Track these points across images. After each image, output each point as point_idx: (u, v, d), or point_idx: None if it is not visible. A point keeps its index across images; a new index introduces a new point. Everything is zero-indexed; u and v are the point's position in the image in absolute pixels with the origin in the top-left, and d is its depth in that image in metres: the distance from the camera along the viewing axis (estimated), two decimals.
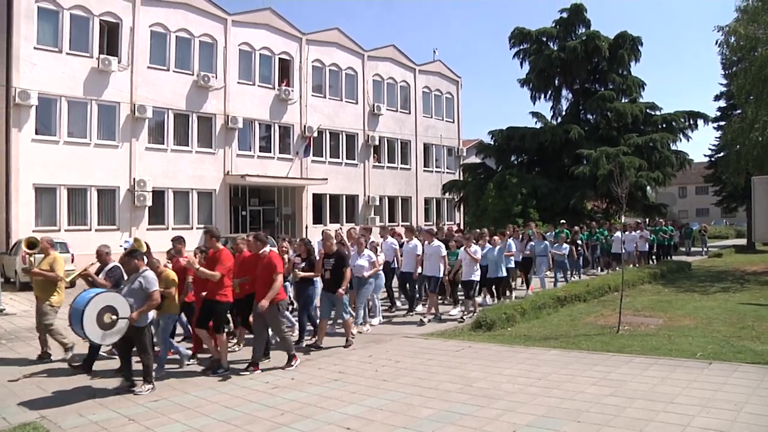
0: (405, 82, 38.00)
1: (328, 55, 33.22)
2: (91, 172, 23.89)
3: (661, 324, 10.95)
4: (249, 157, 29.35)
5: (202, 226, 26.62)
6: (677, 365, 7.79)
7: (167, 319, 8.42)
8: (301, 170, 31.50)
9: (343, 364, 8.54)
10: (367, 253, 11.13)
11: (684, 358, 8.17)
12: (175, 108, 26.59)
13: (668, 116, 32.44)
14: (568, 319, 11.78)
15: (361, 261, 11.03)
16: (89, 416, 6.33)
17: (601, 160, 27.67)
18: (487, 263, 13.33)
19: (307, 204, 31.91)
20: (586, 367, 7.84)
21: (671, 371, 7.49)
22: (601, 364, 8.01)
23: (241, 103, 28.79)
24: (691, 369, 7.57)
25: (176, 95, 26.56)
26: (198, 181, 27.28)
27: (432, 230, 13.44)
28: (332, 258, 9.66)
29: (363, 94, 35.03)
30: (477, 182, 32.32)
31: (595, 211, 32.74)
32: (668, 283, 17.41)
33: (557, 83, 34.44)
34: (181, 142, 26.93)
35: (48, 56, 22.96)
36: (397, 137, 37.26)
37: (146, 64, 25.65)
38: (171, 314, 8.47)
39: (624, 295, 11.28)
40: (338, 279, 9.52)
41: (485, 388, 7.02)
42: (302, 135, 31.42)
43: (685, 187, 70.33)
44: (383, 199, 36.26)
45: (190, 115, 27.16)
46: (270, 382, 7.59)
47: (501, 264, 13.35)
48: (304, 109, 31.72)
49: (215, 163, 27.97)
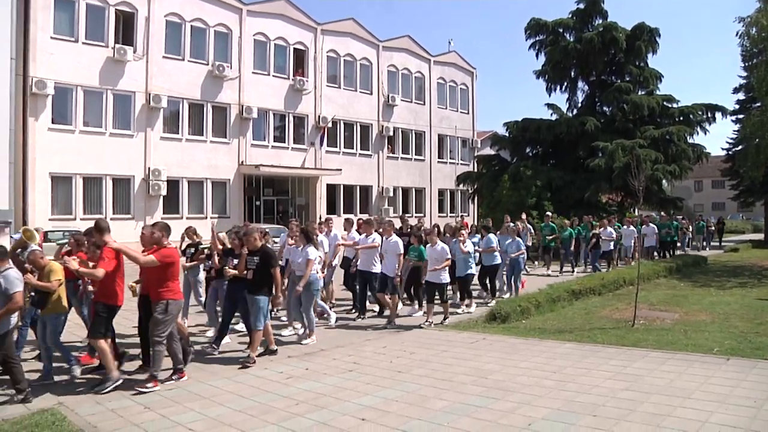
0: (420, 72, 37.85)
1: (343, 46, 33.15)
2: (106, 161, 24.07)
3: (677, 318, 10.88)
4: (263, 147, 29.42)
5: (216, 215, 26.78)
6: (694, 360, 7.73)
7: (54, 320, 7.33)
8: (315, 161, 31.53)
9: (357, 355, 8.54)
10: (308, 249, 9.48)
11: (701, 354, 8.10)
12: (190, 98, 26.69)
13: (685, 109, 32.06)
14: (583, 312, 11.73)
15: (301, 257, 9.57)
16: (106, 404, 6.39)
17: (617, 152, 27.40)
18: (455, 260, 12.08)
19: (321, 194, 31.97)
20: (602, 361, 7.80)
21: (688, 366, 7.44)
22: (616, 358, 7.97)
23: (255, 93, 28.83)
24: (709, 364, 7.50)
25: (191, 85, 26.65)
26: (212, 171, 27.40)
27: (391, 223, 11.74)
28: (256, 256, 8.29)
29: (377, 85, 34.95)
30: (491, 174, 32.14)
31: (610, 204, 32.49)
32: (684, 278, 17.29)
33: (573, 75, 34.10)
34: (196, 132, 27.04)
35: (64, 46, 23.10)
36: (412, 128, 37.17)
37: (161, 54, 25.75)
38: (58, 313, 7.39)
39: (639, 289, 11.22)
40: (262, 280, 8.17)
41: (500, 381, 7.01)
42: (316, 125, 31.44)
43: (701, 181, 69.59)
44: (397, 191, 36.23)
45: (204, 105, 27.25)
46: (284, 372, 7.61)
47: (469, 261, 11.74)
48: (319, 99, 31.71)
49: (229, 153, 28.07)
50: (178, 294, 7.20)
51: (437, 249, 10.68)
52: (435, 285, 10.61)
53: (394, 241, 10.95)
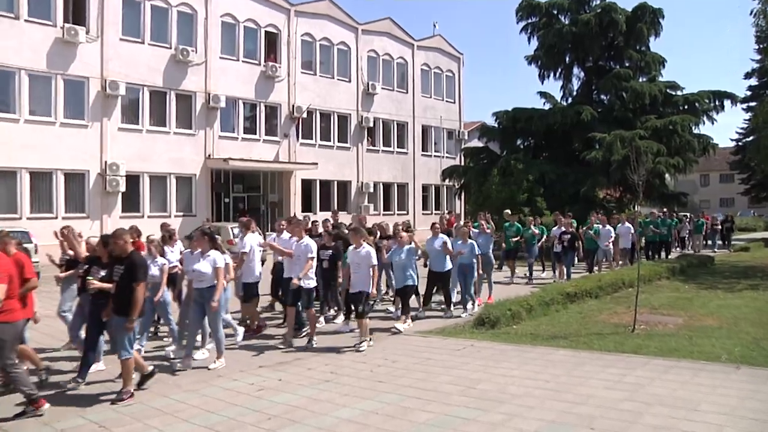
0: (402, 58, 37.87)
1: (319, 29, 33.04)
2: (56, 154, 23.71)
3: (680, 323, 10.95)
4: (232, 139, 29.23)
5: (181, 213, 26.58)
6: (700, 369, 7.77)
7: None
8: (289, 154, 31.41)
9: (335, 363, 8.51)
10: (215, 257, 8.57)
11: (707, 361, 8.13)
12: (151, 84, 26.41)
13: (691, 96, 32.27)
14: (579, 316, 11.77)
15: (201, 265, 8.53)
16: (55, 424, 6.27)
17: (615, 144, 27.58)
18: (394, 269, 11.65)
19: (296, 191, 31.86)
20: (599, 369, 7.84)
21: (693, 375, 7.48)
22: (615, 365, 8.01)
23: (223, 81, 28.62)
24: (716, 373, 7.54)
25: (152, 71, 26.36)
26: (176, 165, 27.15)
27: (302, 222, 11.06)
28: (122, 264, 7.15)
29: (356, 72, 34.89)
30: (479, 168, 32.24)
31: (607, 200, 32.73)
32: (688, 279, 17.35)
33: (568, 60, 34.28)
34: (158, 123, 26.77)
35: (4, 24, 22.62)
36: (393, 118, 37.18)
37: (118, 36, 25.39)
38: None
39: (639, 292, 11.28)
40: (126, 298, 6.95)
41: (489, 391, 7.01)
42: (290, 115, 31.30)
43: (707, 175, 70.04)
44: (378, 186, 36.22)
45: (167, 93, 26.99)
46: (256, 384, 7.55)
47: (410, 269, 11.11)
48: (293, 87, 31.57)
49: (195, 146, 27.85)
50: (13, 314, 6.54)
51: (360, 253, 9.77)
52: (355, 295, 9.80)
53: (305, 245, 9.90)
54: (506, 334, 10.29)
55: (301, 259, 9.82)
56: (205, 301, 8.40)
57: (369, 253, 9.78)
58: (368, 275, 9.74)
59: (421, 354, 8.95)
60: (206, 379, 7.83)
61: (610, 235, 18.42)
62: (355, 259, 9.86)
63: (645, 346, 9.10)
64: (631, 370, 7.76)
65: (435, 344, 9.66)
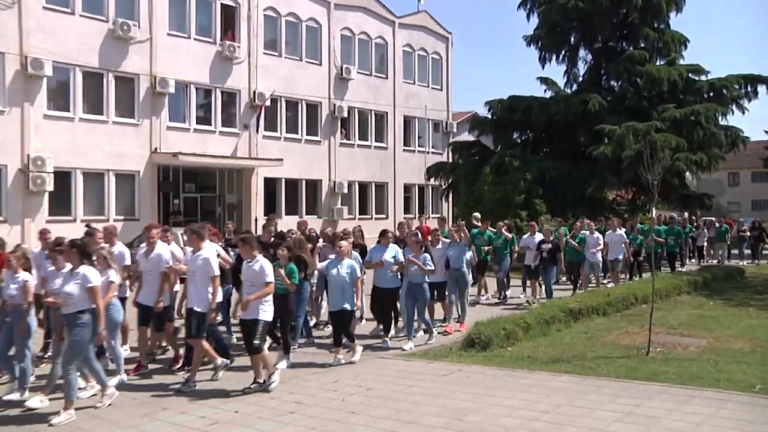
0: (381, 38, 37.90)
1: (285, 3, 32.96)
2: None
3: (704, 346, 11.03)
4: (183, 130, 29.01)
5: (121, 217, 26.30)
6: (728, 400, 7.80)
7: None
8: (250, 148, 31.26)
9: (301, 392, 8.49)
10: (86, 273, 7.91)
11: (737, 392, 8.14)
12: (84, 64, 26.03)
13: (717, 82, 32.41)
14: (584, 336, 11.86)
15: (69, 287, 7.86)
16: None
17: (627, 137, 27.79)
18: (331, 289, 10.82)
19: (258, 191, 31.69)
20: (608, 399, 7.88)
21: (720, 407, 7.50)
22: (626, 394, 8.05)
23: (172, 62, 28.39)
24: (747, 406, 7.57)
25: (85, 48, 25.97)
26: (116, 160, 26.86)
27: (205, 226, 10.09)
28: None
29: (328, 53, 34.84)
30: (470, 165, 32.38)
31: (618, 203, 33.00)
32: (714, 294, 17.44)
33: (573, 41, 34.54)
34: (94, 110, 26.42)
35: None
36: (371, 108, 37.18)
37: (40, 4, 24.95)
38: None
39: (656, 308, 11.35)
40: None
41: (479, 423, 7.03)
42: (251, 104, 31.16)
43: (737, 173, 69.65)
44: (353, 186, 36.18)
45: (104, 75, 26.66)
46: (207, 417, 7.51)
47: (346, 290, 10.35)
48: (254, 70, 31.43)
49: (139, 138, 27.58)
50: None
51: (253, 267, 8.93)
52: (247, 323, 8.95)
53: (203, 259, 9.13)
54: (500, 357, 10.33)
55: (198, 277, 8.99)
56: (71, 326, 7.76)
57: (262, 269, 8.82)
58: (259, 302, 8.76)
59: (401, 380, 8.95)
60: (150, 413, 7.76)
61: (598, 243, 17.73)
62: (248, 276, 9.00)
63: (662, 372, 9.16)
64: (645, 400, 7.79)
65: (417, 369, 9.67)
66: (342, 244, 10.76)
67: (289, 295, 10.05)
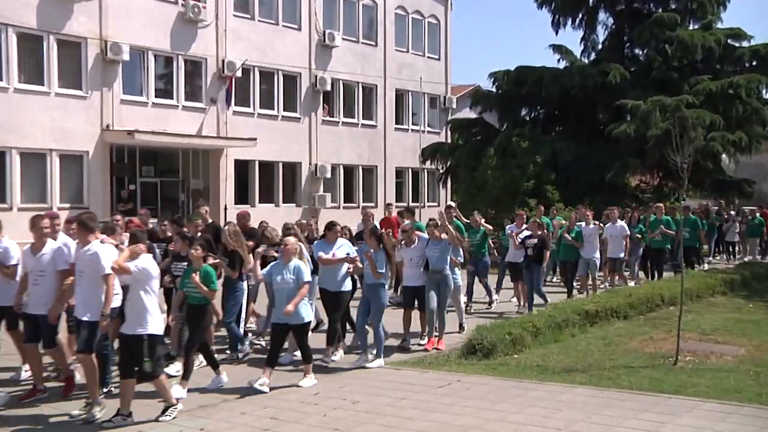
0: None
1: None
2: None
3: (742, 355, 11.07)
4: (140, 104, 28.87)
5: (67, 205, 26.11)
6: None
7: None
8: (218, 126, 31.17)
9: (277, 405, 8.49)
10: None
11: None
12: (20, 26, 25.70)
13: (762, 49, 32.28)
14: (602, 343, 11.89)
15: None
16: None
17: (653, 114, 27.83)
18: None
19: (228, 175, 31.59)
20: (629, 414, 7.89)
21: (762, 427, 7.52)
22: (651, 409, 8.06)
23: (125, 24, 28.18)
24: None
25: (21, 7, 25.58)
26: (60, 139, 26.68)
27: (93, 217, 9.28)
28: None
29: (309, 16, 34.72)
30: (471, 146, 32.45)
31: (642, 189, 33.03)
32: (754, 295, 17.50)
33: (592, 2, 34.55)
34: (32, 79, 26.17)
35: None
36: (358, 80, 37.11)
37: None
38: None
39: (685, 311, 11.36)
40: None
41: None
42: (219, 74, 31.04)
43: None
44: (337, 169, 36.14)
45: (44, 38, 26.36)
46: None
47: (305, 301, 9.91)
48: (222, 35, 31.28)
49: (87, 113, 27.41)
50: None
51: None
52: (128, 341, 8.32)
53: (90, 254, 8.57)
54: (504, 366, 10.36)
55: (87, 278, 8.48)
56: None
57: (147, 270, 8.28)
58: (143, 310, 8.14)
59: (392, 393, 8.95)
60: None
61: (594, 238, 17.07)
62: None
63: (692, 385, 9.19)
64: (674, 416, 7.80)
65: (411, 379, 9.68)
66: (288, 241, 10.01)
67: (206, 306, 9.39)
